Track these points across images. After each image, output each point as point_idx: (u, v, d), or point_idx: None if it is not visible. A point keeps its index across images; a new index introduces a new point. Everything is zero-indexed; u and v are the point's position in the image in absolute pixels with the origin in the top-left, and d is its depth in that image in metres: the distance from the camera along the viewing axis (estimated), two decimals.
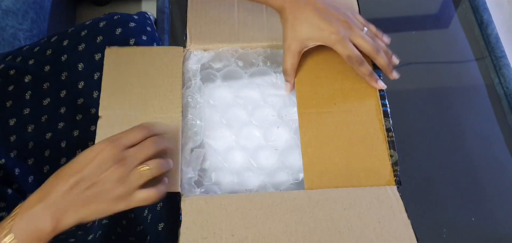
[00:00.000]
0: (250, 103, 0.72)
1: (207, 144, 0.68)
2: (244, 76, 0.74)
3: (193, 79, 0.71)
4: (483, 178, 0.92)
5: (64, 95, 0.74)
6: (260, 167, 0.68)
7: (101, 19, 0.80)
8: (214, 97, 0.72)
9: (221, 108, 0.71)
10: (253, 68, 0.74)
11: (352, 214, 0.60)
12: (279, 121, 0.70)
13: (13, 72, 0.74)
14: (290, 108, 0.71)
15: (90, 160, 0.50)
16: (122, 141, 0.53)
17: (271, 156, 0.68)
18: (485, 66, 1.10)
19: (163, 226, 0.75)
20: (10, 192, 0.69)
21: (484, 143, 0.97)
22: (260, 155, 0.68)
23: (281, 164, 0.68)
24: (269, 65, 0.74)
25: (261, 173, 0.67)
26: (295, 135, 0.69)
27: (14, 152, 0.70)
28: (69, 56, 0.76)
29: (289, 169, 0.67)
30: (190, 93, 0.70)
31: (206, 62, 0.74)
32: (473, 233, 0.86)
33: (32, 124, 0.72)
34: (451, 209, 0.88)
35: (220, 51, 0.74)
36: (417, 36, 1.14)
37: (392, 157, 0.65)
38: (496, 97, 1.04)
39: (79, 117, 0.74)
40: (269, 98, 0.72)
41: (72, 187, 0.49)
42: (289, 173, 0.67)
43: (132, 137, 0.54)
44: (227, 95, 0.72)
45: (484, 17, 1.14)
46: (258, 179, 0.66)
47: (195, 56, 0.72)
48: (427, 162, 0.97)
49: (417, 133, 0.98)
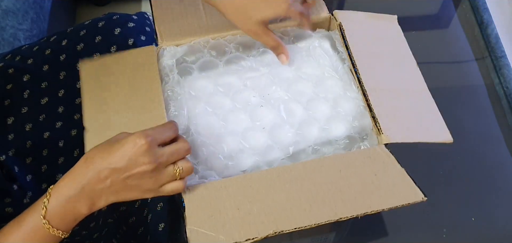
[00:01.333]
0: (230, 89, 0.72)
1: (195, 132, 0.68)
2: (220, 65, 0.74)
3: (171, 74, 0.71)
4: (483, 178, 0.92)
5: (62, 94, 0.74)
6: (251, 147, 0.68)
7: (100, 19, 0.80)
8: (195, 88, 0.72)
9: (204, 98, 0.71)
10: (227, 56, 0.75)
11: (349, 173, 0.62)
12: (262, 101, 0.71)
13: (11, 71, 0.74)
14: (270, 88, 0.72)
15: (125, 153, 0.52)
16: (156, 138, 0.54)
17: (261, 136, 0.69)
18: (485, 66, 1.10)
19: (163, 226, 0.75)
20: (15, 188, 0.69)
21: (484, 143, 0.97)
22: (249, 136, 0.69)
23: (271, 142, 0.68)
24: (241, 51, 0.76)
25: (254, 153, 0.68)
26: (279, 112, 0.70)
27: (12, 150, 0.70)
28: (68, 56, 0.76)
29: (279, 145, 0.68)
30: (170, 88, 0.70)
31: (180, 57, 0.74)
32: (473, 233, 0.85)
33: (30, 123, 0.72)
34: (451, 209, 0.88)
35: (192, 44, 0.75)
36: (417, 36, 1.14)
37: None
38: (496, 97, 1.04)
39: (77, 116, 0.74)
40: (248, 81, 0.73)
41: (107, 177, 0.52)
42: (280, 149, 0.68)
43: (165, 135, 0.55)
44: (207, 84, 0.72)
45: (484, 17, 1.14)
46: (251, 160, 0.67)
47: (168, 53, 0.73)
48: (427, 162, 0.97)
49: None
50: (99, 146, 0.54)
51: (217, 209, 0.58)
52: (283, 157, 0.68)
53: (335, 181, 0.61)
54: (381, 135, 0.66)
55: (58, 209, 0.52)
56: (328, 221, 0.58)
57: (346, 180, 0.61)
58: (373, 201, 0.59)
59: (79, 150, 0.74)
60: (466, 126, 0.99)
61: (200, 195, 0.60)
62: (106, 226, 0.73)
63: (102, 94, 0.67)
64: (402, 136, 0.66)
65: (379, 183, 0.61)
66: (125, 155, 0.51)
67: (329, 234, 0.82)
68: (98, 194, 0.53)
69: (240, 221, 0.57)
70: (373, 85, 0.71)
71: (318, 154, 0.68)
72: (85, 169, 0.52)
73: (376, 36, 0.78)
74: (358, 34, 0.76)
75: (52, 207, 0.52)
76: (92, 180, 0.52)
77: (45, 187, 0.72)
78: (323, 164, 0.63)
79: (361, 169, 0.63)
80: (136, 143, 0.52)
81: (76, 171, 0.53)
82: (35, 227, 0.52)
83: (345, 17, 0.78)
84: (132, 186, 0.53)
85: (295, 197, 0.60)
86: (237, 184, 0.61)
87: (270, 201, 0.59)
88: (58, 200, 0.52)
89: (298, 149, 0.68)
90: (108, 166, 0.51)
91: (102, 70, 0.70)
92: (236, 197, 0.60)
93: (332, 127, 0.70)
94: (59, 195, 0.52)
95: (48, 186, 0.73)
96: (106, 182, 0.52)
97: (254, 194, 0.60)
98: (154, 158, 0.52)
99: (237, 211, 0.58)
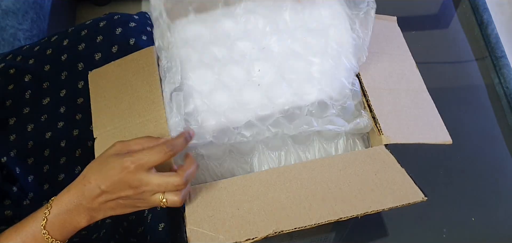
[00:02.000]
0: (228, 38, 0.68)
1: (187, 85, 0.65)
2: (219, 5, 0.69)
3: (160, 18, 0.64)
4: (483, 178, 0.92)
5: (63, 94, 0.74)
6: (245, 104, 0.66)
7: (101, 19, 0.80)
8: (188, 35, 0.67)
9: (198, 47, 0.67)
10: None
11: (349, 173, 0.62)
12: (259, 54, 0.68)
13: (13, 71, 0.74)
14: (269, 38, 0.69)
15: (113, 176, 0.53)
16: (146, 162, 0.53)
17: (255, 92, 0.67)
18: (485, 66, 1.10)
19: (163, 226, 0.75)
20: (15, 190, 0.69)
21: (484, 143, 0.97)
22: (244, 92, 0.67)
23: (266, 100, 0.66)
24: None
25: (248, 110, 0.66)
26: (276, 68, 0.68)
27: (14, 151, 0.70)
28: (69, 56, 0.76)
29: (274, 102, 0.66)
30: (160, 35, 0.65)
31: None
32: (473, 233, 0.86)
33: (31, 124, 0.72)
34: (451, 209, 0.88)
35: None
36: (417, 36, 1.14)
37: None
38: (496, 97, 1.04)
39: (78, 116, 0.74)
40: (248, 26, 0.69)
41: (99, 196, 0.54)
42: (274, 107, 0.66)
43: (156, 158, 0.53)
44: (202, 31, 0.67)
45: (484, 17, 1.14)
46: (245, 116, 0.66)
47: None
48: (427, 162, 0.97)
49: None
50: (94, 164, 0.54)
51: (217, 209, 0.58)
52: (278, 115, 0.66)
53: (335, 179, 0.61)
54: (381, 135, 0.66)
55: (57, 220, 0.54)
56: (329, 221, 0.58)
57: (346, 179, 0.61)
58: (373, 201, 0.59)
59: (81, 150, 0.74)
60: (466, 126, 0.99)
61: (200, 195, 0.60)
62: (105, 226, 0.74)
63: (108, 102, 0.67)
64: (402, 137, 0.66)
65: (379, 182, 0.61)
66: (113, 178, 0.52)
67: (329, 234, 0.82)
68: (96, 209, 0.55)
69: (240, 221, 0.57)
70: (372, 85, 0.71)
71: (314, 116, 0.67)
72: (82, 187, 0.54)
73: (376, 37, 0.78)
74: None
75: (52, 217, 0.54)
76: (88, 198, 0.53)
77: (47, 187, 0.72)
78: (323, 164, 0.63)
79: (361, 169, 0.63)
80: (123, 167, 0.52)
81: (75, 187, 0.54)
82: (34, 235, 0.54)
83: None
84: (125, 205, 0.55)
85: (295, 195, 0.59)
86: (237, 184, 0.61)
87: (269, 200, 0.59)
88: (58, 211, 0.54)
89: (294, 107, 0.66)
90: (99, 187, 0.53)
91: (107, 78, 0.70)
92: (236, 197, 0.60)
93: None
94: (59, 207, 0.54)
95: (50, 187, 0.73)
96: (100, 200, 0.54)
97: (254, 193, 0.60)
98: (139, 184, 0.53)
99: (237, 210, 0.58)
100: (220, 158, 0.69)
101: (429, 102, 0.72)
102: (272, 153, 0.69)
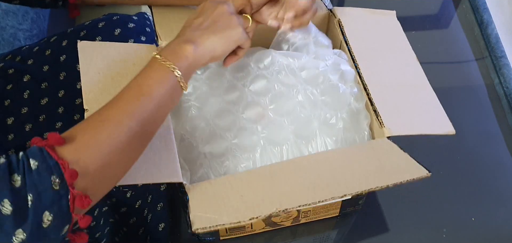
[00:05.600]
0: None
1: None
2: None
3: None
4: (483, 178, 0.92)
5: (62, 95, 0.74)
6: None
7: (100, 19, 0.80)
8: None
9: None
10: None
11: (352, 162, 0.63)
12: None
13: (12, 71, 0.74)
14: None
15: (202, 7, 0.63)
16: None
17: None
18: (485, 66, 1.09)
19: (163, 226, 0.75)
20: None
21: (484, 143, 0.97)
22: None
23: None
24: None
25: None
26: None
27: (12, 151, 0.70)
28: (68, 57, 0.76)
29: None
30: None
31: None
32: (473, 233, 0.85)
33: (30, 124, 0.72)
34: (451, 209, 0.87)
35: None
36: (417, 36, 1.14)
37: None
38: (496, 97, 1.04)
39: (77, 117, 0.74)
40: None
41: (197, 24, 0.61)
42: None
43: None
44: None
45: (484, 17, 1.14)
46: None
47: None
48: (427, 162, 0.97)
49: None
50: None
51: (220, 199, 0.59)
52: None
53: (339, 170, 0.62)
54: (383, 128, 0.66)
55: (168, 49, 0.59)
56: (333, 199, 0.58)
57: (350, 169, 0.62)
58: (378, 179, 0.60)
59: None
60: (466, 126, 0.99)
61: (204, 190, 0.61)
62: (106, 226, 0.74)
63: (102, 78, 0.67)
64: (404, 129, 0.66)
65: (382, 166, 0.62)
66: (203, 8, 0.64)
67: (330, 232, 0.82)
68: (197, 36, 0.60)
69: (243, 205, 0.58)
70: (374, 79, 0.71)
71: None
72: (181, 30, 0.63)
73: (375, 31, 0.78)
74: (357, 30, 0.77)
75: (164, 47, 0.59)
76: (188, 30, 0.61)
77: None
78: (326, 157, 0.64)
79: (364, 159, 0.63)
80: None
81: (176, 37, 0.62)
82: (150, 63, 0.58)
83: (344, 13, 0.78)
84: (223, 25, 0.61)
85: (299, 186, 0.60)
86: (241, 177, 0.62)
87: (273, 191, 0.60)
88: (169, 51, 0.58)
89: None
90: (196, 18, 0.62)
91: (101, 55, 0.69)
92: (240, 188, 0.60)
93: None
94: (167, 50, 0.59)
95: None
96: (199, 27, 0.61)
97: (258, 185, 0.61)
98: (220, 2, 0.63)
99: (241, 197, 0.59)
100: (223, 156, 0.69)
101: (431, 94, 0.71)
102: (274, 149, 0.70)
